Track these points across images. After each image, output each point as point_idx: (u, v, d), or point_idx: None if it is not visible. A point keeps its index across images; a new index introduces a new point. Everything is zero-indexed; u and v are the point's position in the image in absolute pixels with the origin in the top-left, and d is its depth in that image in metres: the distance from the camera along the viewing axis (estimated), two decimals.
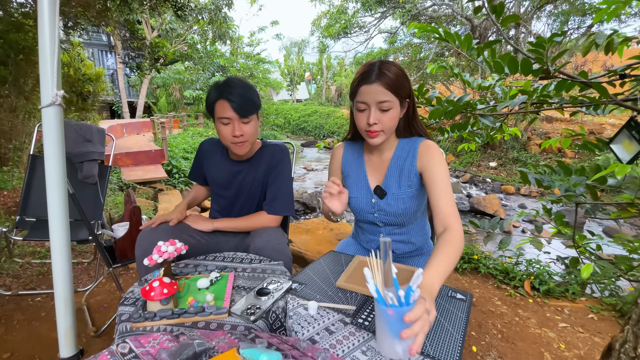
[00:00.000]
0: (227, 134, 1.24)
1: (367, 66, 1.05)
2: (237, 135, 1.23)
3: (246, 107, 1.21)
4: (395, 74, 1.01)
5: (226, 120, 1.22)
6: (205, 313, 0.82)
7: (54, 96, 0.93)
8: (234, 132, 1.22)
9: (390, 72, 1.01)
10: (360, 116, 1.07)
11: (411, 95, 1.10)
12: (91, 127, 2.22)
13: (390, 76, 1.00)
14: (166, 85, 15.58)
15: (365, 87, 1.03)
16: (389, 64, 1.03)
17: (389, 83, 1.00)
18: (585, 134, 1.66)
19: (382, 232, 1.24)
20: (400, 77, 1.02)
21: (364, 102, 1.04)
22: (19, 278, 2.13)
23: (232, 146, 1.27)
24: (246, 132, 1.25)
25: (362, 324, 0.80)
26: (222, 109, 1.21)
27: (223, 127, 1.24)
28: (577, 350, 1.72)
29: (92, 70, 5.58)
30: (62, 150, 0.99)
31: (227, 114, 1.21)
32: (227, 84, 1.22)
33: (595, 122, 9.47)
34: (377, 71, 1.01)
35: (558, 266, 2.57)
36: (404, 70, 1.06)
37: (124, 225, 1.74)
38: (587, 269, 1.39)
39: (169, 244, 0.95)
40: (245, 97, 1.21)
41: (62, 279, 1.04)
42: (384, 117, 1.04)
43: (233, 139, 1.24)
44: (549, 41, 1.23)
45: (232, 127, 1.23)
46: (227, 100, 1.20)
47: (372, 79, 1.01)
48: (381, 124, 1.05)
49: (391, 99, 1.02)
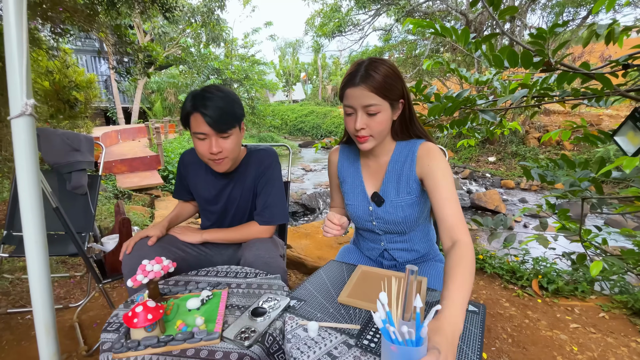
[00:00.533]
0: (204, 151, 1.12)
1: (354, 66, 0.96)
2: (214, 152, 1.10)
3: (223, 120, 1.08)
4: (384, 74, 0.92)
5: (202, 135, 1.09)
6: (194, 339, 0.75)
7: (23, 106, 0.85)
8: (211, 148, 1.10)
9: (377, 73, 0.92)
10: (348, 120, 1.00)
11: (405, 95, 1.01)
12: (79, 136, 2.14)
13: (376, 78, 0.91)
14: (161, 89, 15.46)
15: (350, 90, 0.95)
16: (378, 64, 0.94)
17: (375, 86, 0.92)
18: (587, 125, 1.60)
19: (383, 240, 1.16)
20: (389, 78, 0.93)
21: (350, 105, 0.96)
22: (8, 295, 2.05)
23: (210, 163, 1.16)
24: (225, 148, 1.12)
25: (368, 346, 0.72)
26: (197, 124, 1.08)
27: (199, 143, 1.12)
28: (591, 353, 1.66)
29: (84, 77, 5.49)
30: (36, 165, 0.91)
31: (202, 129, 1.08)
32: (203, 96, 1.08)
33: (592, 114, 9.45)
34: (362, 72, 0.93)
35: (564, 262, 2.51)
36: (396, 69, 0.97)
37: (113, 238, 1.66)
38: (596, 266, 1.32)
39: (154, 263, 0.88)
40: (222, 110, 1.07)
41: (42, 303, 0.96)
42: (372, 122, 0.96)
43: (210, 156, 1.12)
44: (549, 32, 1.16)
45: (209, 143, 1.10)
46: (201, 114, 1.06)
47: (357, 81, 0.93)
48: (369, 128, 0.97)
49: (378, 102, 0.93)
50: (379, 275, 1.02)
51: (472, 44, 1.34)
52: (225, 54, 13.90)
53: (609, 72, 1.25)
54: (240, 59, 13.80)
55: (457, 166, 9.63)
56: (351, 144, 1.20)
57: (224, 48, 13.62)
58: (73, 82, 4.94)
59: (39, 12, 3.16)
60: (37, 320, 0.98)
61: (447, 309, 0.66)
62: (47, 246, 0.97)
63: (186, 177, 1.35)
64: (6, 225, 1.94)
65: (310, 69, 28.27)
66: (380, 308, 0.56)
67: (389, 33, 11.99)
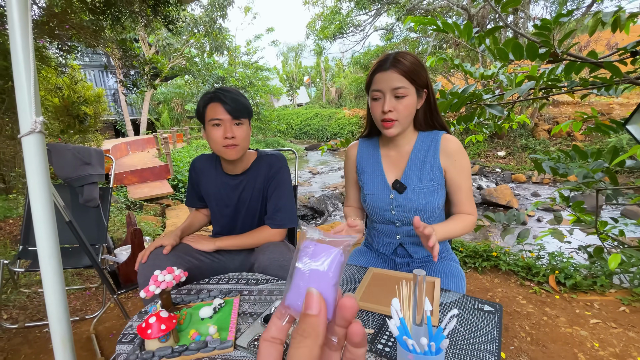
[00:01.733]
0: (217, 137, 1.18)
1: (383, 56, 1.05)
2: (228, 137, 1.17)
3: (239, 108, 1.17)
4: (411, 62, 1.00)
5: (217, 121, 1.17)
6: (208, 349, 0.75)
7: (32, 123, 0.87)
8: (226, 133, 1.17)
9: (405, 60, 1.00)
10: (375, 105, 1.05)
11: (429, 86, 1.07)
12: (89, 150, 2.18)
13: (405, 63, 1.00)
14: (167, 100, 15.68)
15: (380, 75, 1.02)
16: (405, 53, 1.03)
17: (404, 69, 0.99)
18: (598, 115, 1.56)
19: (399, 234, 1.15)
20: (416, 65, 1.01)
21: (379, 89, 1.02)
22: (25, 309, 2.09)
23: (223, 150, 1.20)
24: (238, 136, 1.19)
25: (382, 350, 0.71)
26: (214, 111, 1.17)
27: (214, 130, 1.18)
28: (612, 348, 1.61)
29: (92, 92, 5.61)
30: (47, 180, 0.93)
31: (219, 115, 1.16)
32: (221, 89, 1.19)
33: (602, 103, 9.25)
34: (392, 59, 1.01)
35: (581, 256, 2.45)
36: (421, 61, 1.04)
37: (126, 249, 1.68)
38: (614, 259, 1.29)
39: (166, 273, 0.88)
40: (238, 101, 1.18)
41: (58, 316, 0.98)
42: (399, 105, 1.02)
43: (224, 142, 1.18)
44: (554, 22, 1.15)
45: (223, 129, 1.17)
46: (219, 102, 1.16)
47: (387, 66, 1.01)
48: (396, 112, 1.02)
49: (406, 85, 1.00)
50: (390, 278, 1.01)
51: (476, 38, 1.33)
52: (228, 62, 14.03)
53: (617, 60, 1.23)
54: (243, 66, 13.91)
55: None
56: (372, 137, 1.23)
57: (227, 56, 13.74)
58: (82, 97, 5.04)
59: (47, 31, 3.24)
60: (53, 334, 0.99)
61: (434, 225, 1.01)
62: (61, 260, 0.98)
63: (198, 182, 1.38)
64: (22, 240, 1.98)
65: (314, 72, 28.34)
66: (394, 314, 0.55)
67: (391, 32, 11.96)
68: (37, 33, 3.24)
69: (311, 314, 0.23)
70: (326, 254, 0.25)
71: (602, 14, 1.19)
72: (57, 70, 3.70)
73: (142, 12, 3.31)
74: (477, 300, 0.89)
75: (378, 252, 1.26)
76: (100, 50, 4.20)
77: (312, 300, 0.24)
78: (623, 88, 1.37)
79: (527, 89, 1.35)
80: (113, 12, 3.25)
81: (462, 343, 0.73)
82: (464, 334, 0.76)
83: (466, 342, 0.73)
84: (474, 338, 0.74)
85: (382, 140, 1.19)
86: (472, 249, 2.55)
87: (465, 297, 0.91)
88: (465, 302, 0.88)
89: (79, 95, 4.97)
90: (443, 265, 1.17)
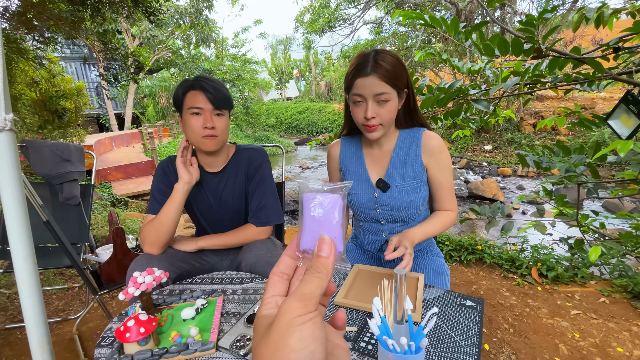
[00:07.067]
0: (196, 126, 1.12)
1: (362, 57, 0.99)
2: (208, 127, 1.12)
3: (221, 98, 1.13)
4: (392, 64, 0.96)
5: (197, 109, 1.11)
6: (189, 351, 0.73)
7: (2, 121, 0.83)
8: (206, 123, 1.12)
9: (386, 63, 0.95)
10: (357, 110, 1.02)
11: (409, 85, 1.05)
12: (68, 146, 2.11)
13: (386, 67, 0.95)
14: (153, 94, 15.32)
15: (361, 80, 0.97)
16: (385, 54, 0.97)
17: (386, 75, 0.95)
18: (581, 110, 1.59)
19: (385, 231, 1.16)
20: (396, 67, 0.97)
21: (360, 94, 0.99)
22: (6, 310, 2.03)
23: (201, 141, 1.14)
24: (219, 127, 1.15)
25: (365, 348, 0.71)
26: (194, 100, 1.11)
27: (193, 119, 1.12)
28: (592, 339, 1.66)
29: (73, 85, 5.43)
30: (19, 179, 0.89)
31: (199, 104, 1.11)
32: (201, 77, 1.15)
33: (586, 98, 9.44)
34: (372, 62, 0.96)
35: (562, 248, 2.51)
36: (401, 59, 1.01)
37: (108, 248, 1.64)
38: (595, 251, 1.32)
39: (145, 274, 0.86)
40: (220, 90, 1.14)
41: (34, 319, 0.95)
42: (382, 110, 0.99)
43: (204, 132, 1.12)
44: (539, 18, 1.15)
45: (203, 119, 1.12)
46: (201, 90, 1.11)
47: (368, 71, 0.96)
48: (379, 117, 1.00)
49: (388, 90, 0.97)
50: (375, 274, 1.01)
51: (462, 33, 1.32)
52: (216, 54, 13.78)
53: (600, 55, 1.24)
54: (231, 59, 13.69)
55: (454, 156, 9.61)
56: (353, 135, 1.21)
57: (214, 49, 13.49)
58: (61, 91, 4.85)
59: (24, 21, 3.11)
60: (30, 337, 0.96)
61: (413, 228, 1.04)
62: (35, 261, 0.95)
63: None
64: None
65: (303, 65, 28.12)
66: (375, 313, 0.55)
67: (380, 26, 11.92)
68: (14, 24, 3.11)
69: (323, 256, 0.28)
70: (330, 200, 0.30)
71: (586, 9, 1.20)
72: (35, 62, 3.56)
73: (123, 3, 3.21)
74: (460, 295, 0.90)
75: (364, 249, 1.27)
76: (82, 41, 4.07)
77: (324, 244, 0.28)
78: (605, 83, 1.39)
79: (512, 84, 1.36)
80: (93, 2, 3.13)
81: (443, 339, 0.74)
82: (445, 330, 0.76)
83: (447, 338, 0.74)
84: (455, 334, 0.75)
85: (364, 139, 1.18)
86: (457, 242, 2.59)
87: (448, 292, 0.92)
88: (448, 298, 0.89)
89: (57, 89, 4.79)
90: (427, 260, 1.17)
